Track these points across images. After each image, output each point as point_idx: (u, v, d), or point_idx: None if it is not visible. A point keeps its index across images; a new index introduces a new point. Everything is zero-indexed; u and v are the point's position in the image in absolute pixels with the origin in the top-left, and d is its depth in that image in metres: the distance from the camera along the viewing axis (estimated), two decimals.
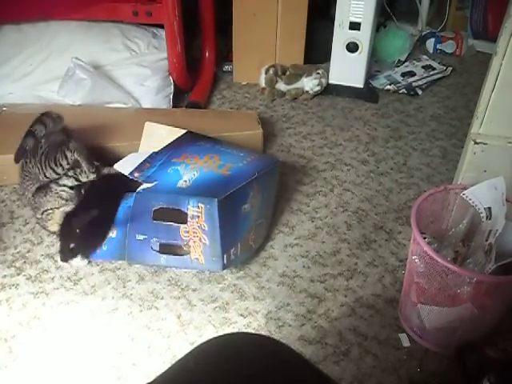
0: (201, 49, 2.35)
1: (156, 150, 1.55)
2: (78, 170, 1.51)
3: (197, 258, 1.38)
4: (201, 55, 2.35)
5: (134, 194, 1.41)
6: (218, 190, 1.34)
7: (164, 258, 1.41)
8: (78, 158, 1.49)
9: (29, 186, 1.53)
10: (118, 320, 1.36)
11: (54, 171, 1.49)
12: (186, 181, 1.40)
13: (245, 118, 2.03)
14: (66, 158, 1.49)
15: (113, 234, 1.45)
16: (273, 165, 1.55)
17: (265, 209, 1.53)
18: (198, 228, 1.33)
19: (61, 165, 1.49)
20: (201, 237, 1.34)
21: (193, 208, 1.32)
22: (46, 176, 1.50)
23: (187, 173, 1.43)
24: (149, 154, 1.53)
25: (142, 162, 1.49)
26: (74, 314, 1.37)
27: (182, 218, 1.35)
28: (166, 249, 1.41)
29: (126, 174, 1.46)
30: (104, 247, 1.47)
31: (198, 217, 1.32)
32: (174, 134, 1.62)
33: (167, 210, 1.37)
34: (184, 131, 1.63)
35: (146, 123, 1.66)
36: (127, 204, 1.42)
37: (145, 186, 1.42)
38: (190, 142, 1.59)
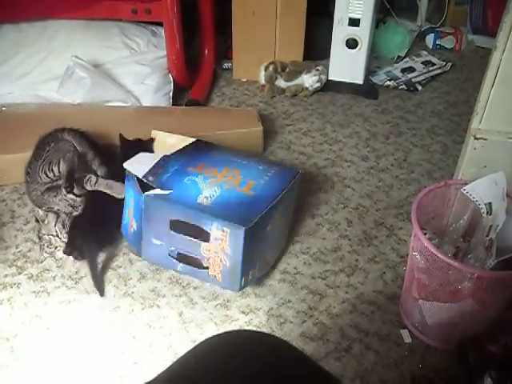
0: (200, 46, 2.34)
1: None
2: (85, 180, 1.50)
3: (214, 276, 1.36)
4: (200, 53, 2.35)
5: (143, 197, 1.34)
6: (244, 214, 1.29)
7: (181, 266, 1.39)
8: (64, 172, 1.48)
9: (36, 189, 1.54)
10: (119, 318, 1.36)
11: (47, 175, 1.50)
12: (206, 197, 1.33)
13: (245, 115, 2.03)
14: (59, 166, 1.49)
15: (135, 227, 1.42)
16: (294, 178, 1.46)
17: (285, 222, 1.50)
18: (221, 250, 1.30)
19: (52, 171, 1.49)
20: (222, 258, 1.31)
21: (217, 230, 1.28)
22: (40, 178, 1.51)
23: (207, 187, 1.36)
24: (160, 156, 1.45)
25: (155, 165, 1.41)
26: (76, 312, 1.37)
27: (203, 235, 1.31)
28: (185, 259, 1.38)
29: (140, 176, 1.36)
30: (132, 236, 1.46)
31: (222, 240, 1.28)
32: (183, 141, 1.55)
33: (187, 223, 1.33)
34: (193, 139, 1.56)
35: (153, 132, 1.60)
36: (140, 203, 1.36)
37: (158, 191, 1.34)
38: (203, 151, 1.53)
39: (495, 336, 1.25)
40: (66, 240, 1.45)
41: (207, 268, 1.35)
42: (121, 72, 2.06)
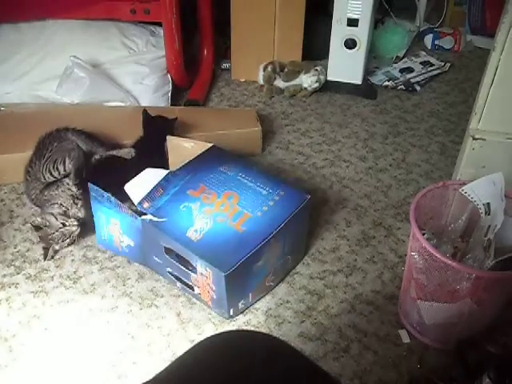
0: (199, 46, 2.34)
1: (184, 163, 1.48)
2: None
3: (206, 301, 1.36)
4: (199, 53, 2.35)
5: (140, 220, 1.35)
6: (228, 255, 1.26)
7: (179, 285, 1.40)
8: (72, 168, 1.51)
9: (36, 189, 1.54)
10: (117, 318, 1.36)
11: (51, 174, 1.51)
12: (196, 230, 1.30)
13: (243, 115, 2.03)
14: (64, 164, 1.51)
15: (130, 243, 1.44)
16: (299, 206, 1.38)
17: (292, 246, 1.43)
18: (207, 284, 1.30)
19: (57, 169, 1.51)
20: (209, 290, 1.31)
21: (201, 267, 1.27)
22: (44, 178, 1.52)
23: (200, 218, 1.33)
24: (164, 174, 1.41)
25: (154, 187, 1.38)
26: (74, 312, 1.37)
27: (192, 266, 1.31)
28: (180, 280, 1.39)
29: (135, 202, 1.36)
30: (126, 249, 1.47)
31: (207, 277, 1.28)
32: (199, 147, 1.54)
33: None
34: (209, 145, 1.54)
35: (168, 137, 1.60)
36: (136, 223, 1.37)
37: (153, 218, 1.34)
38: (213, 164, 1.48)
39: (494, 336, 1.25)
40: (75, 222, 1.49)
41: (200, 294, 1.36)
42: (119, 72, 2.06)
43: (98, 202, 1.44)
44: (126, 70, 2.07)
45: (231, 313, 1.34)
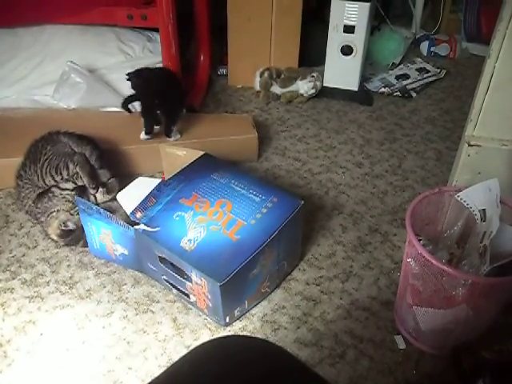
0: (196, 52, 2.35)
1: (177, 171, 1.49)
2: (76, 177, 1.54)
3: (202, 309, 1.36)
4: (196, 59, 2.36)
5: (133, 230, 1.35)
6: (223, 265, 1.25)
7: (175, 292, 1.40)
8: (80, 172, 1.52)
9: (28, 194, 1.55)
10: (113, 324, 1.35)
11: (53, 178, 1.51)
12: (190, 240, 1.31)
13: (240, 121, 2.03)
14: (68, 169, 1.52)
15: (124, 251, 1.44)
16: (293, 212, 1.37)
17: (287, 252, 1.42)
18: (203, 293, 1.29)
19: (61, 174, 1.51)
20: (205, 299, 1.30)
21: (196, 277, 1.27)
22: (44, 182, 1.52)
23: (193, 227, 1.33)
24: (157, 183, 1.43)
25: (146, 197, 1.39)
26: (70, 318, 1.37)
27: (187, 275, 1.31)
28: (176, 287, 1.39)
29: (128, 212, 1.38)
30: (120, 257, 1.47)
31: (202, 286, 1.27)
32: (191, 154, 1.55)
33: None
34: (201, 153, 1.55)
35: (160, 145, 1.60)
36: (129, 233, 1.37)
37: (146, 227, 1.34)
38: (205, 172, 1.48)
39: (489, 342, 1.25)
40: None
41: (196, 301, 1.36)
42: (116, 77, 2.06)
43: (87, 214, 1.44)
44: (123, 76, 2.06)
45: (227, 320, 1.33)
